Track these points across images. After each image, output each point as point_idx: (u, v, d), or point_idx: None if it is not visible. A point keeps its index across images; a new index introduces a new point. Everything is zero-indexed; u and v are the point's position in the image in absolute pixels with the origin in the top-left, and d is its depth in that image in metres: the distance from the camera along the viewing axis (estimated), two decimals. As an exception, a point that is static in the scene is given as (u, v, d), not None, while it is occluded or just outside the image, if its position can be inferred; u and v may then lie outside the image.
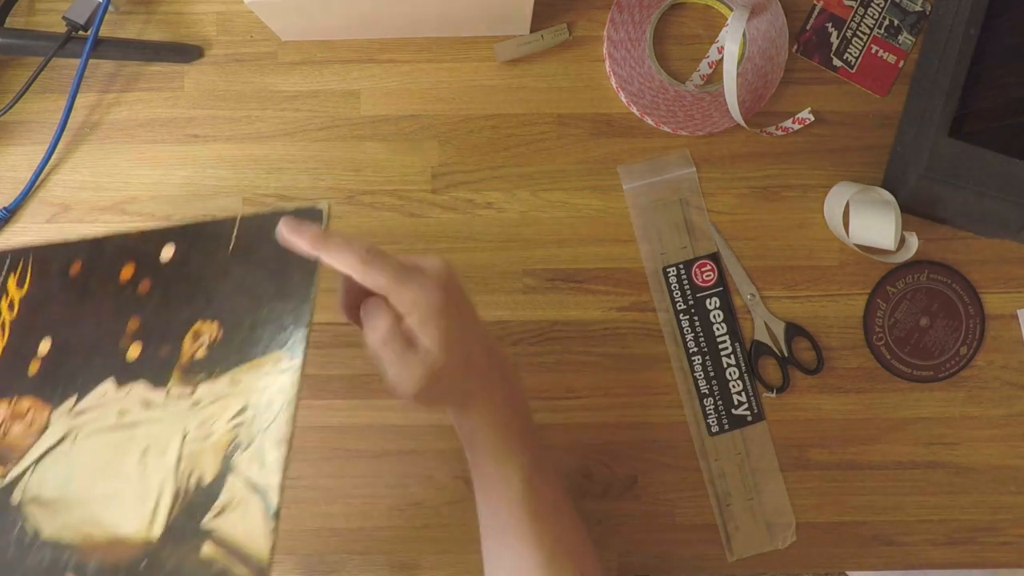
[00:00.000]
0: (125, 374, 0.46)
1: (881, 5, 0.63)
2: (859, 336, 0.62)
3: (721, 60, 0.62)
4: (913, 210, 0.61)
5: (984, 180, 0.57)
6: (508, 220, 0.62)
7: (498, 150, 0.62)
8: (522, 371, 0.62)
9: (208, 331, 0.46)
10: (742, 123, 0.60)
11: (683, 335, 0.62)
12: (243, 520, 0.41)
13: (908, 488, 0.62)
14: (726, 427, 0.61)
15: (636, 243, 0.62)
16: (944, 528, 0.62)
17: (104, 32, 0.59)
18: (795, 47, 0.63)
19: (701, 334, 0.62)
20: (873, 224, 0.59)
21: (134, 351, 0.47)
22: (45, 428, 0.46)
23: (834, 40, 0.62)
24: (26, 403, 0.47)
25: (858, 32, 0.63)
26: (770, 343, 0.62)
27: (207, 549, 0.41)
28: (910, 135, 0.60)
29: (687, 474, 0.62)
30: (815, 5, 0.63)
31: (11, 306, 0.51)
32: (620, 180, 0.62)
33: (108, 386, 0.47)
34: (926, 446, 0.62)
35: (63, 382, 0.47)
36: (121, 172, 0.62)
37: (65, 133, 0.60)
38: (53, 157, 0.61)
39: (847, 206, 0.59)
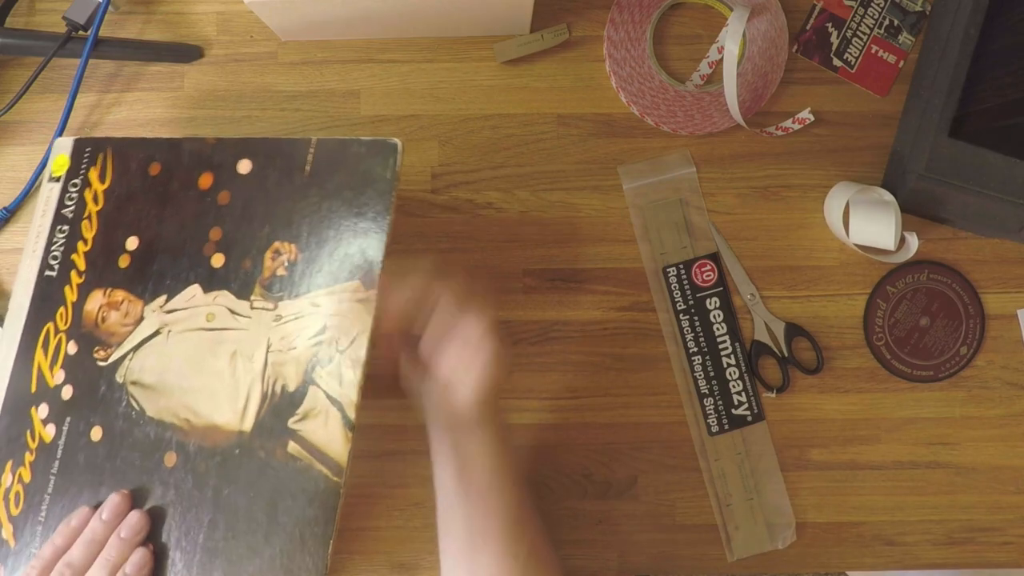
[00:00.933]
0: (210, 281, 0.50)
1: (881, 5, 0.63)
2: (859, 336, 0.62)
3: (721, 60, 0.62)
4: (913, 210, 0.61)
5: (984, 180, 0.57)
6: (508, 220, 0.62)
7: (498, 150, 0.62)
8: (522, 371, 0.61)
9: (287, 252, 0.49)
10: (742, 123, 0.60)
11: (683, 335, 0.62)
12: (324, 428, 0.46)
13: (908, 488, 0.62)
14: (726, 427, 0.61)
15: (636, 243, 0.62)
16: (944, 528, 0.62)
17: (104, 32, 0.59)
18: (795, 47, 0.63)
19: (701, 334, 0.62)
20: (873, 224, 0.59)
21: (217, 260, 0.51)
22: (140, 320, 0.51)
23: (834, 40, 0.62)
24: (120, 295, 0.52)
25: (858, 32, 0.63)
26: (770, 343, 0.62)
27: (292, 447, 0.47)
28: (910, 135, 0.60)
29: (687, 474, 0.62)
30: (815, 5, 0.63)
31: (95, 198, 0.54)
32: (620, 180, 0.62)
33: (195, 290, 0.50)
34: (926, 446, 0.62)
35: (152, 280, 0.51)
36: (121, 172, 0.62)
37: (65, 133, 0.60)
38: (53, 157, 0.61)
39: (847, 206, 0.59)
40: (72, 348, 0.51)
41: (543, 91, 0.62)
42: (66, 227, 0.54)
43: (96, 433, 0.50)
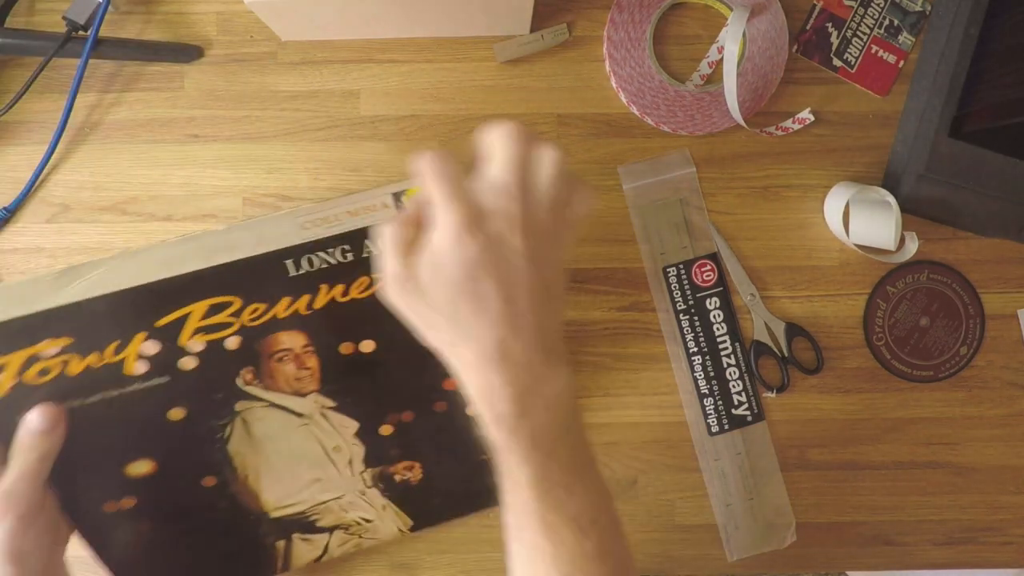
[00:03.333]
0: (374, 438, 0.54)
1: (881, 5, 0.63)
2: (859, 336, 0.62)
3: (721, 60, 0.62)
4: (913, 210, 0.61)
5: (984, 180, 0.57)
6: (508, 220, 0.62)
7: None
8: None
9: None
10: (742, 123, 0.60)
11: (683, 335, 0.62)
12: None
13: (908, 488, 0.62)
14: (726, 427, 0.61)
15: (636, 243, 0.62)
16: (944, 528, 0.62)
17: (104, 32, 0.59)
18: (795, 47, 0.63)
19: (701, 334, 0.62)
20: (873, 224, 0.59)
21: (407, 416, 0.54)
22: (298, 394, 0.51)
23: (834, 40, 0.62)
24: (313, 364, 0.51)
25: (858, 32, 0.63)
26: (770, 343, 0.62)
27: None
28: (910, 135, 0.60)
29: (687, 474, 0.62)
30: (815, 5, 0.63)
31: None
32: (620, 180, 0.62)
33: (355, 427, 0.53)
34: (926, 446, 0.62)
35: (344, 386, 0.52)
36: (121, 172, 0.62)
37: (65, 133, 0.60)
38: (53, 157, 0.61)
39: (847, 206, 0.59)
40: (234, 342, 0.48)
41: (543, 91, 0.62)
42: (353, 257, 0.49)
43: (178, 413, 0.49)
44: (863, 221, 0.59)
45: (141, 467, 0.50)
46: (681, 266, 0.62)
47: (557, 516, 0.40)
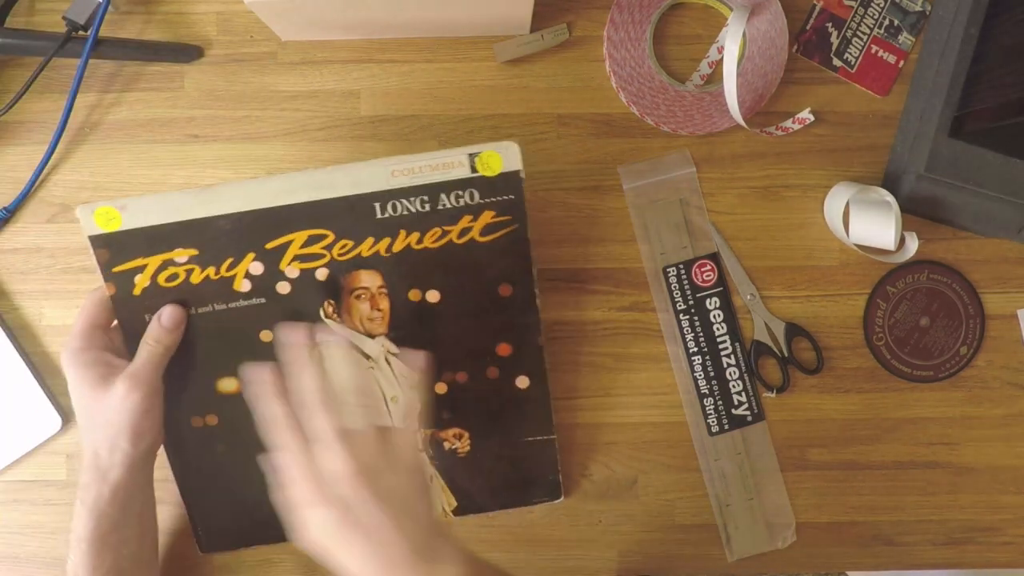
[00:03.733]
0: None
1: (881, 5, 0.63)
2: (859, 336, 0.62)
3: (721, 60, 0.62)
4: (913, 210, 0.61)
5: (984, 180, 0.57)
6: (508, 220, 0.62)
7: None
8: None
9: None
10: (742, 123, 0.60)
11: (683, 335, 0.62)
12: None
13: (908, 488, 0.62)
14: (726, 427, 0.61)
15: (636, 243, 0.62)
16: (944, 528, 0.62)
17: (104, 32, 0.59)
18: (795, 47, 0.63)
19: (701, 334, 0.62)
20: (873, 224, 0.59)
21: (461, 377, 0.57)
22: (368, 335, 0.55)
23: (834, 40, 0.62)
24: (385, 306, 0.55)
25: (858, 32, 0.63)
26: (770, 343, 0.62)
27: None
28: (910, 135, 0.60)
29: (687, 474, 0.62)
30: (815, 5, 0.63)
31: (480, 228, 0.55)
32: (620, 180, 0.62)
33: (424, 363, 0.55)
34: (926, 446, 0.62)
35: (410, 332, 0.55)
36: (121, 172, 0.62)
37: (65, 133, 0.60)
38: (53, 157, 0.61)
39: (847, 206, 0.59)
40: (323, 274, 0.53)
41: (543, 91, 0.62)
42: (446, 210, 0.53)
43: (267, 335, 0.54)
44: (863, 221, 0.59)
45: (229, 384, 0.55)
46: (681, 266, 0.62)
47: None
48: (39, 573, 0.61)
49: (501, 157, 0.52)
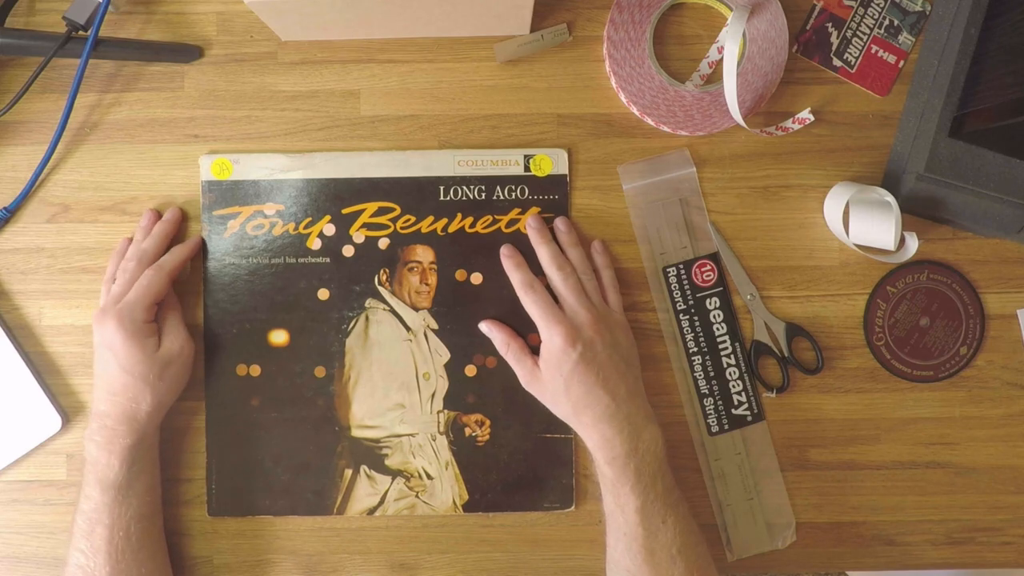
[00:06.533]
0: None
1: (881, 5, 0.63)
2: (859, 336, 0.62)
3: (721, 60, 0.62)
4: (913, 210, 0.61)
5: (984, 180, 0.57)
6: (508, 220, 0.62)
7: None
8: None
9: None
10: (742, 123, 0.60)
11: (683, 335, 0.62)
12: None
13: (908, 488, 0.62)
14: (726, 427, 0.61)
15: (636, 243, 0.62)
16: (944, 528, 0.62)
17: (104, 32, 0.59)
18: (795, 47, 0.63)
19: (701, 334, 0.62)
20: (873, 224, 0.59)
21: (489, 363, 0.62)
22: (413, 307, 0.61)
23: (834, 40, 0.62)
24: (433, 281, 0.61)
25: (858, 32, 0.63)
26: (770, 343, 0.62)
27: None
28: (910, 135, 0.60)
29: (687, 474, 0.62)
30: (815, 5, 0.63)
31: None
32: (620, 180, 0.62)
33: (445, 354, 0.62)
34: (926, 446, 0.62)
35: (453, 310, 0.61)
36: (121, 172, 0.62)
37: (65, 133, 0.60)
38: (53, 157, 0.61)
39: (847, 206, 0.59)
40: (384, 243, 0.61)
41: (543, 91, 0.62)
42: (522, 199, 0.61)
43: (324, 293, 0.61)
44: (863, 221, 0.59)
45: (280, 336, 0.60)
46: (681, 266, 0.62)
47: (654, 542, 0.53)
48: (39, 573, 0.61)
49: (552, 161, 0.60)
